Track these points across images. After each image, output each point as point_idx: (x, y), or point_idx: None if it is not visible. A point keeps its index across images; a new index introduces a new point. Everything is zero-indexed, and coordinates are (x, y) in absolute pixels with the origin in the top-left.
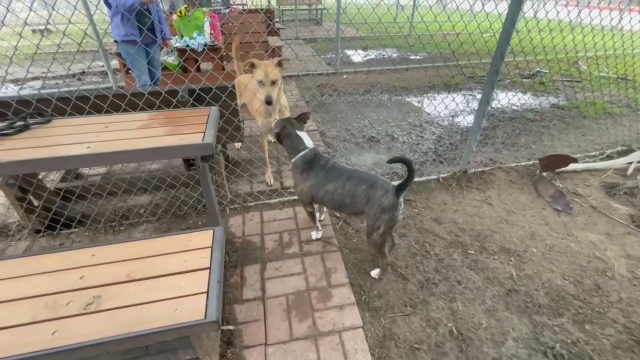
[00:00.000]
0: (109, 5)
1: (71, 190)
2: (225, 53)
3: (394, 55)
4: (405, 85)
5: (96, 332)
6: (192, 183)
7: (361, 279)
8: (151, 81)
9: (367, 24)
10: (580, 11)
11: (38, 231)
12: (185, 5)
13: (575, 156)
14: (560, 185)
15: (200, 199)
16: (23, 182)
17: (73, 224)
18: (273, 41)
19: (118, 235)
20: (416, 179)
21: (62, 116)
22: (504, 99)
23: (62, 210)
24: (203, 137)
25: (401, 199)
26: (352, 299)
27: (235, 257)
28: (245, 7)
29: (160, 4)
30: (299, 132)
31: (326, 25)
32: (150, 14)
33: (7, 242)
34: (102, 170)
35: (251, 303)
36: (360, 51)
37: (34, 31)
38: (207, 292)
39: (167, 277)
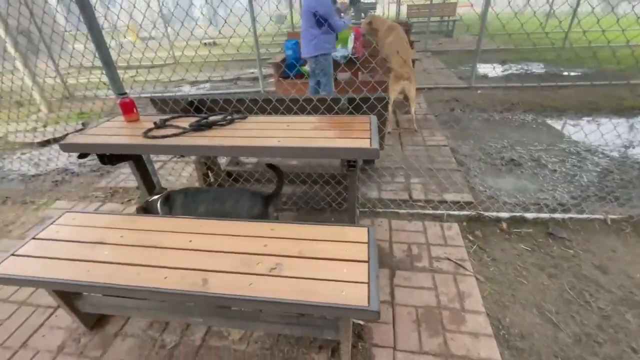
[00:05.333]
0: (319, 25)
1: (234, 173)
2: (359, 65)
3: (541, 70)
4: (556, 105)
5: (279, 292)
6: (332, 182)
7: (499, 312)
8: (316, 86)
9: (509, 35)
10: None
11: None
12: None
13: None
14: None
15: (335, 197)
16: (208, 161)
17: None
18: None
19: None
20: (573, 216)
21: (249, 114)
22: None
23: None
24: (370, 142)
25: (271, 208)
26: (488, 330)
27: None
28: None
29: None
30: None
31: (459, 37)
32: None
33: None
34: (254, 160)
35: (381, 305)
36: (497, 65)
37: (204, 44)
38: (368, 283)
39: (331, 261)
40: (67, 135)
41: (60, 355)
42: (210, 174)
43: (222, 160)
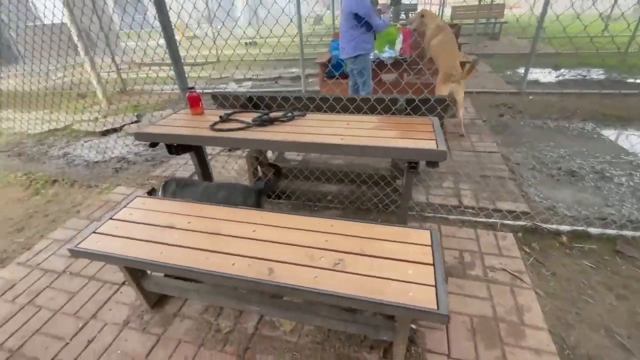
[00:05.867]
0: (359, 26)
1: (281, 169)
2: (405, 67)
3: (601, 76)
4: (620, 115)
5: (345, 288)
6: (382, 183)
7: (563, 330)
8: (355, 86)
9: (569, 38)
10: None
11: None
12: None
13: None
14: None
15: (383, 198)
16: (260, 156)
17: (283, 196)
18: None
19: (312, 214)
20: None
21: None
22: None
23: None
24: (436, 144)
25: (262, 200)
26: (552, 348)
27: None
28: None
29: None
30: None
31: (505, 39)
32: None
33: None
34: (298, 157)
35: None
36: (550, 70)
37: (246, 44)
38: (436, 287)
39: (394, 261)
40: (124, 126)
41: (126, 329)
42: (259, 169)
43: (269, 156)
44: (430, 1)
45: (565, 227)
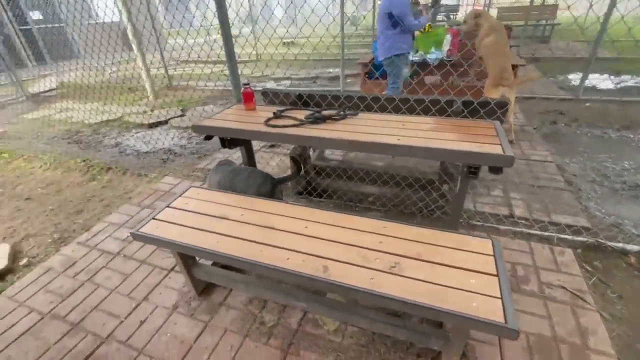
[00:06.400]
0: (394, 26)
1: (322, 167)
2: (449, 68)
3: None
4: None
5: (404, 292)
6: (429, 187)
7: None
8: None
9: (636, 42)
10: None
11: (300, 193)
12: (429, 23)
13: None
14: None
15: (429, 203)
16: (304, 153)
17: (324, 196)
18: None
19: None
20: None
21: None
22: None
23: (315, 182)
24: (502, 149)
25: (278, 190)
26: None
27: None
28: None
29: None
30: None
31: (556, 42)
32: None
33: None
34: (338, 157)
35: None
36: (610, 76)
37: (284, 43)
38: (502, 299)
39: (454, 269)
40: (170, 119)
41: (175, 313)
42: (302, 167)
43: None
44: (474, 2)
45: (634, 247)
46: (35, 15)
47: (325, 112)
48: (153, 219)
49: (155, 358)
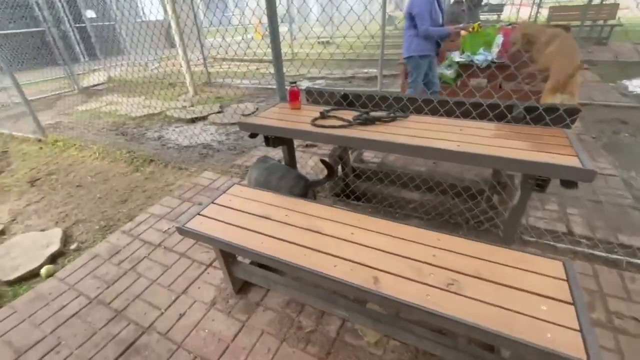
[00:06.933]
0: (415, 26)
1: (362, 170)
2: (493, 70)
3: None
4: None
5: (465, 313)
6: (479, 197)
7: None
8: (428, 90)
9: None
10: None
11: (337, 195)
12: (479, 22)
13: None
14: None
15: (477, 215)
16: (344, 155)
17: (362, 199)
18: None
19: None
20: None
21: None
22: None
23: (353, 184)
24: (580, 161)
25: (310, 193)
26: None
27: None
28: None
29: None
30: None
31: (615, 45)
32: None
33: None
34: (377, 160)
35: None
36: None
37: (320, 42)
38: (581, 332)
39: (521, 292)
40: (208, 115)
41: (212, 309)
42: (340, 168)
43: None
44: (520, 1)
45: None
46: (90, 13)
47: (374, 114)
48: (198, 214)
49: (193, 353)
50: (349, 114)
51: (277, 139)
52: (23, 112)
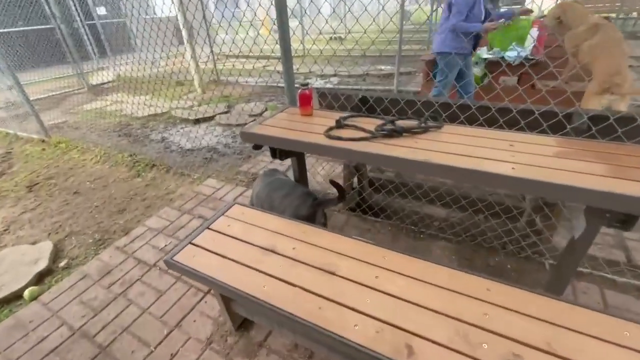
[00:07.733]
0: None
1: (382, 184)
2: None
3: None
4: None
5: None
6: (521, 219)
7: None
8: (465, 94)
9: None
10: None
11: (352, 210)
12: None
13: None
14: None
15: (518, 240)
16: (362, 168)
17: (381, 215)
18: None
19: (417, 242)
20: None
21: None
22: None
23: (369, 198)
24: None
25: (319, 214)
26: None
27: None
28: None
29: None
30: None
31: None
32: None
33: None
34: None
35: None
36: None
37: (331, 39)
38: None
39: None
40: (215, 115)
41: (208, 349)
42: (357, 180)
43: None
44: None
45: None
46: (101, 11)
47: (401, 123)
48: (190, 243)
49: None
50: (370, 123)
51: (285, 151)
52: (29, 111)
